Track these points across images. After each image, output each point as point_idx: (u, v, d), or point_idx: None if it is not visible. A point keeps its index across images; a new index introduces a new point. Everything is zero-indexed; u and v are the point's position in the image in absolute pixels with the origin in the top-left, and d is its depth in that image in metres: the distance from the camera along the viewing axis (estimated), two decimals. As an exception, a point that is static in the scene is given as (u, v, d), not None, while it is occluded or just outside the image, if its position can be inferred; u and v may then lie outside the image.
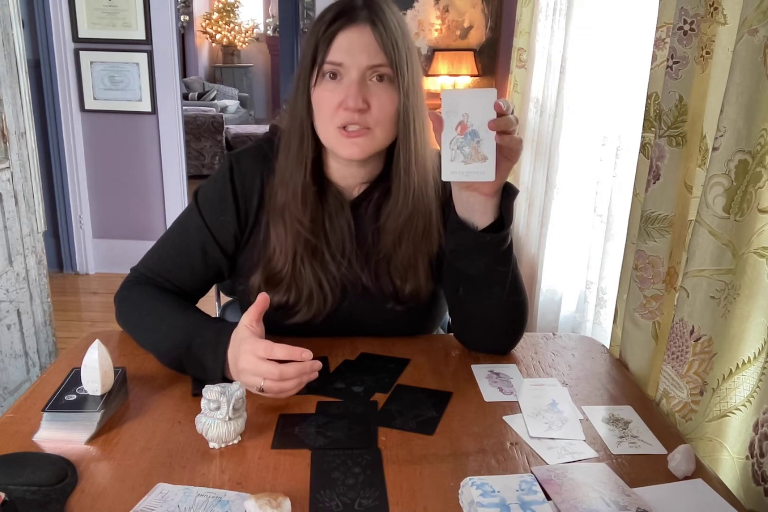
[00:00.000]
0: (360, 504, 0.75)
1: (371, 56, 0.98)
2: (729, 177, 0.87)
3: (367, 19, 0.99)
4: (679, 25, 1.01)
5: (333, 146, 1.03)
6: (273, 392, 0.90)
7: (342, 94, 0.99)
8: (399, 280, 1.09)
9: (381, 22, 0.99)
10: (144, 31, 3.37)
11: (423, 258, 1.09)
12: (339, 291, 1.10)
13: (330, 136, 1.02)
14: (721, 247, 0.90)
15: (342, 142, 1.01)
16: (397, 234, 1.07)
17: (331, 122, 1.01)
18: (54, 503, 0.73)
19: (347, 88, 0.98)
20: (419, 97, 1.03)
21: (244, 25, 9.35)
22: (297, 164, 1.05)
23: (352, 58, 0.98)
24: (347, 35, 0.98)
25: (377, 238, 1.10)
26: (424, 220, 1.08)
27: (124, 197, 3.62)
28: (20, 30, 2.68)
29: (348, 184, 1.11)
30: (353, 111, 0.98)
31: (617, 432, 0.90)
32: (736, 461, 0.91)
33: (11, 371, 2.07)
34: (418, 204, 1.07)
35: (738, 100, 0.85)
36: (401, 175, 1.05)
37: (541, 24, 2.60)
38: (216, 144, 6.18)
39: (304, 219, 1.06)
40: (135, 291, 1.11)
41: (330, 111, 1.00)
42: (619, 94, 1.71)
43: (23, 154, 2.10)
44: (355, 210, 1.11)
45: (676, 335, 0.98)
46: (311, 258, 1.08)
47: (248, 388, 0.91)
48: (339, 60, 0.98)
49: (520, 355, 1.11)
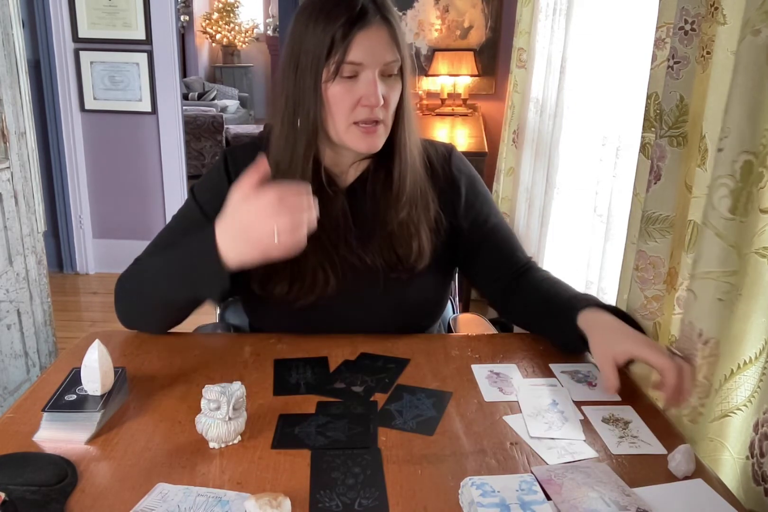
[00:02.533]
0: (360, 504, 0.75)
1: (387, 54, 1.03)
2: (734, 178, 0.87)
3: (382, 19, 1.03)
4: (680, 25, 1.01)
5: (349, 140, 1.07)
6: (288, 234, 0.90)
7: (360, 91, 1.03)
8: (402, 249, 1.13)
9: (393, 21, 1.04)
10: (144, 31, 3.36)
11: (424, 226, 1.15)
12: (341, 273, 1.12)
13: (347, 131, 1.06)
14: (727, 248, 0.89)
15: (360, 137, 1.06)
16: (404, 208, 1.12)
17: (347, 118, 1.05)
18: (54, 503, 0.73)
19: (367, 86, 1.02)
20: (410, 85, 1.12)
21: (244, 25, 9.35)
22: (304, 157, 1.08)
23: (371, 58, 1.02)
24: (366, 35, 1.01)
25: (378, 218, 1.14)
26: (422, 191, 1.15)
27: (124, 197, 3.62)
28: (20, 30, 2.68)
29: (340, 170, 1.16)
30: (374, 107, 1.03)
31: (617, 432, 0.90)
32: (737, 461, 0.91)
33: (11, 371, 2.07)
34: (416, 177, 1.14)
35: (741, 100, 0.85)
36: (403, 155, 1.11)
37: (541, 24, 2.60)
38: (216, 144, 6.18)
39: None
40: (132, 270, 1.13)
41: (348, 108, 1.04)
42: (619, 94, 1.71)
43: (23, 154, 2.10)
44: (351, 195, 1.15)
45: (685, 338, 0.97)
46: (312, 245, 1.09)
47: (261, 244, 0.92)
48: (359, 60, 1.01)
49: (520, 355, 1.11)
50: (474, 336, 1.19)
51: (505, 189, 3.17)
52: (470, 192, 1.21)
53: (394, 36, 1.03)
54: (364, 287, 1.13)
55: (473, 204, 1.20)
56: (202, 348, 1.12)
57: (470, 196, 1.21)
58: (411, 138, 1.12)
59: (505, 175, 3.15)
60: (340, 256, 1.12)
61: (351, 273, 1.12)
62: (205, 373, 1.03)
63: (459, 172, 1.21)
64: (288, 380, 1.01)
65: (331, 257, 1.11)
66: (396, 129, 1.10)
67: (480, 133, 3.49)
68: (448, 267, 1.23)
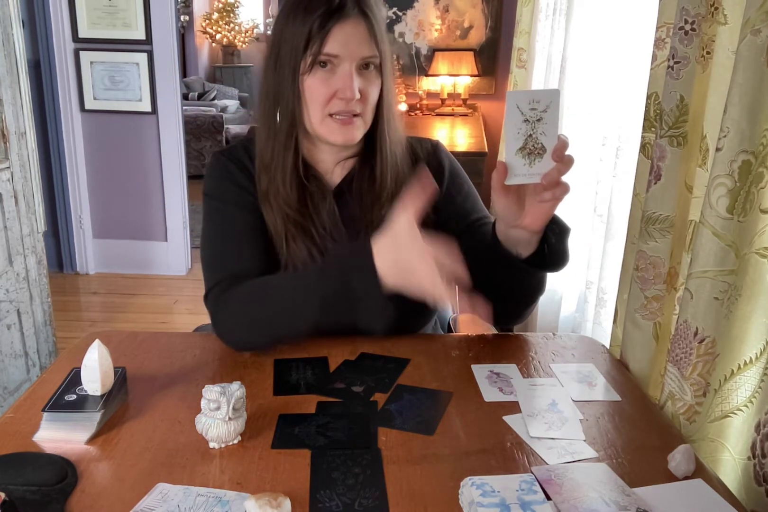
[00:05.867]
0: (360, 504, 0.75)
1: (365, 48, 1.03)
2: (732, 178, 0.87)
3: (360, 13, 1.03)
4: (680, 25, 1.01)
5: (325, 133, 1.07)
6: None
7: (337, 83, 1.03)
8: None
9: (372, 15, 1.04)
10: (144, 31, 3.36)
11: None
12: None
13: (322, 123, 1.06)
14: (724, 247, 0.89)
15: (336, 129, 1.06)
16: (386, 204, 1.12)
17: (323, 110, 1.05)
18: (54, 503, 0.73)
19: (343, 79, 1.02)
20: (393, 81, 1.13)
21: (244, 25, 9.34)
22: (285, 149, 1.08)
23: (347, 50, 1.02)
24: (342, 28, 1.01)
25: (365, 218, 1.13)
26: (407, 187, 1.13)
27: (124, 197, 3.62)
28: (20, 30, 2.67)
29: (325, 169, 1.16)
30: (349, 100, 1.03)
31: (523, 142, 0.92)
32: (738, 462, 0.91)
33: (11, 371, 2.07)
34: (398, 173, 1.14)
35: (741, 100, 0.85)
36: (384, 151, 1.11)
37: (541, 24, 2.60)
38: (216, 144, 6.17)
39: (290, 201, 1.10)
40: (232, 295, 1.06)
41: (323, 100, 1.04)
42: (619, 94, 1.71)
43: (23, 154, 2.10)
44: (339, 195, 1.15)
45: (680, 336, 0.97)
46: (303, 236, 1.11)
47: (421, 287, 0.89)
48: (335, 52, 1.02)
49: (520, 355, 1.11)
50: (474, 336, 1.19)
51: (505, 189, 3.16)
52: (452, 186, 1.19)
53: (372, 31, 1.03)
54: None
55: (453, 198, 1.18)
56: (202, 349, 1.12)
57: (452, 191, 1.19)
58: (392, 134, 1.12)
59: (505, 175, 3.15)
60: None
61: None
62: (205, 373, 1.03)
63: (443, 166, 1.20)
64: (288, 380, 1.01)
65: (322, 251, 1.11)
66: (376, 125, 1.10)
67: (480, 133, 3.50)
68: None
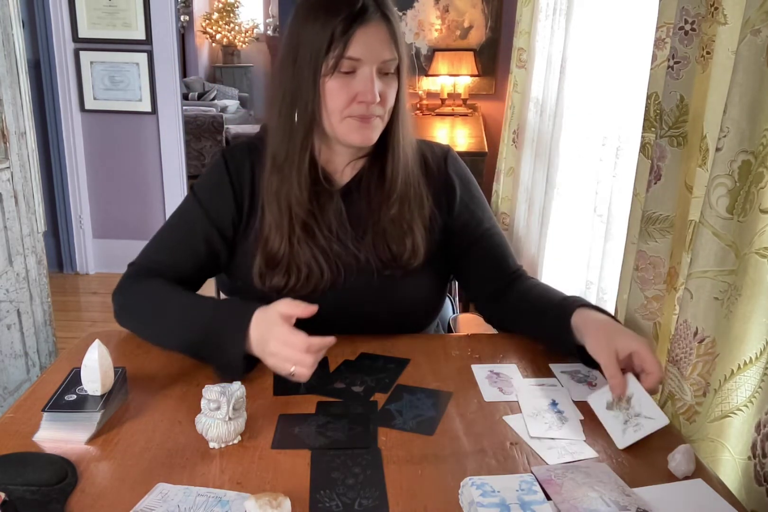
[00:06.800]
0: (360, 504, 0.75)
1: (386, 51, 1.04)
2: (732, 177, 0.87)
3: (382, 16, 1.03)
4: (680, 25, 1.01)
5: (343, 133, 1.08)
6: (303, 377, 0.94)
7: (358, 87, 1.04)
8: (395, 246, 1.14)
9: (392, 18, 1.05)
10: (144, 31, 3.36)
11: (418, 224, 1.15)
12: (335, 267, 1.12)
13: (341, 124, 1.07)
14: (724, 247, 0.89)
15: (355, 129, 1.07)
16: (395, 204, 1.13)
17: (342, 113, 1.06)
18: (54, 503, 0.73)
19: (364, 83, 1.03)
20: (407, 85, 1.13)
21: (244, 25, 9.33)
22: (301, 149, 1.09)
23: (369, 54, 1.03)
24: (365, 32, 1.02)
25: (372, 216, 1.14)
26: (416, 189, 1.15)
27: (124, 197, 3.62)
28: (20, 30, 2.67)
29: (335, 169, 1.16)
30: (370, 104, 1.04)
31: (621, 417, 0.89)
32: (738, 461, 0.91)
33: (11, 371, 2.07)
34: (408, 175, 1.15)
35: (741, 100, 0.85)
36: (397, 152, 1.12)
37: (541, 24, 2.61)
38: (216, 144, 6.17)
39: (302, 200, 1.10)
40: (137, 286, 1.13)
41: (344, 102, 1.05)
42: (619, 94, 1.71)
43: (23, 154, 2.09)
44: (346, 195, 1.15)
45: (680, 336, 0.97)
46: (306, 238, 1.12)
47: (274, 370, 0.96)
48: (358, 55, 1.03)
49: (520, 355, 1.11)
50: (474, 336, 1.19)
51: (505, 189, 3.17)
52: (465, 194, 1.21)
53: (393, 34, 1.04)
54: (359, 284, 1.13)
55: (467, 206, 1.20)
56: (202, 348, 1.12)
57: (465, 198, 1.20)
58: (405, 137, 1.13)
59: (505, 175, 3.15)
60: (334, 252, 1.12)
61: (346, 270, 1.12)
62: (205, 373, 1.03)
63: (455, 173, 1.21)
64: (288, 380, 1.01)
65: (325, 252, 1.12)
66: (391, 127, 1.11)
67: (480, 133, 3.50)
68: (443, 267, 1.22)
